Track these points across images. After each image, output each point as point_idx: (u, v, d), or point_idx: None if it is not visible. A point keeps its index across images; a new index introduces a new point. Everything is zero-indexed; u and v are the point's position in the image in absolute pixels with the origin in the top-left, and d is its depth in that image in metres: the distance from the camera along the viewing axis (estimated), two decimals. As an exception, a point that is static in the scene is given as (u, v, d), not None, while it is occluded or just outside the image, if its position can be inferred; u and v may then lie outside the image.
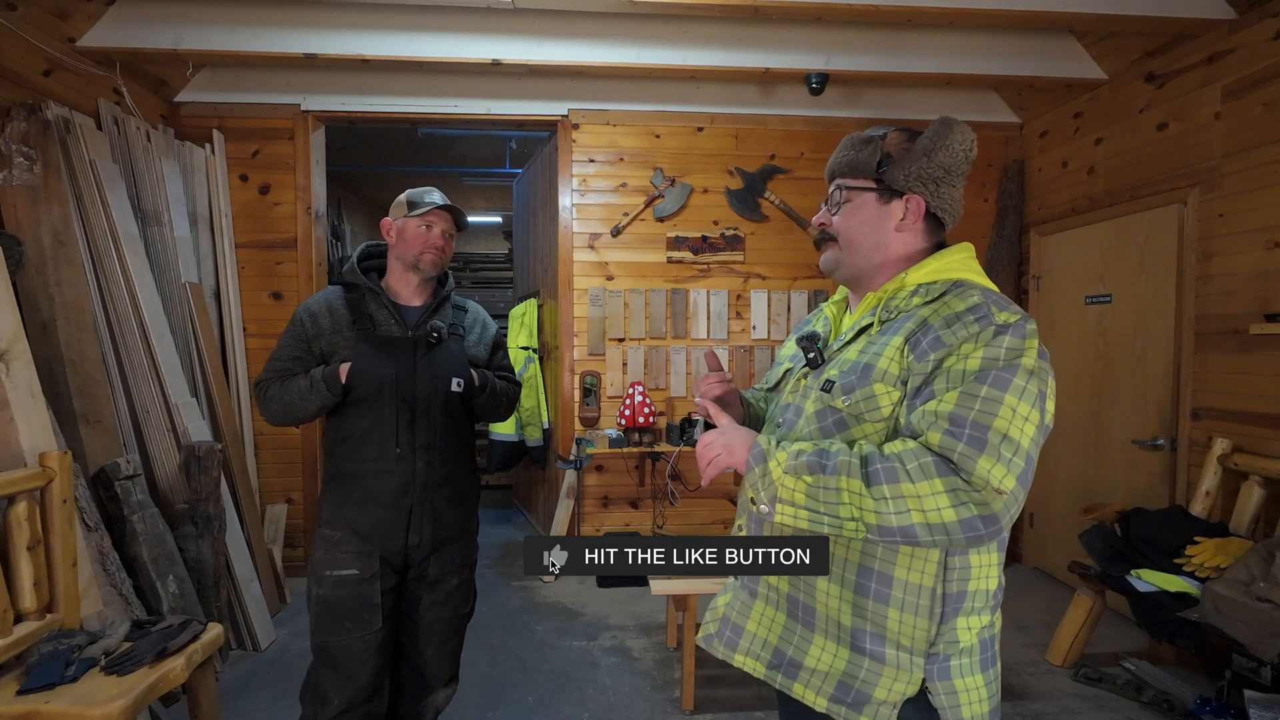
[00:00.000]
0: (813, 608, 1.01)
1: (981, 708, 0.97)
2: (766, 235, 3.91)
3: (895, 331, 0.97)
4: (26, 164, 2.46)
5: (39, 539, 1.87)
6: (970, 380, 0.88)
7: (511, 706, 2.47)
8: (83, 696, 1.64)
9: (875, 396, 0.96)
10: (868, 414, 0.96)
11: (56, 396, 2.35)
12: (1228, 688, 2.29)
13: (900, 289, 1.02)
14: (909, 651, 0.95)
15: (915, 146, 1.02)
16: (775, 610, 1.06)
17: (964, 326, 0.91)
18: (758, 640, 1.08)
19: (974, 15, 2.81)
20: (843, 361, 1.02)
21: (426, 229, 1.73)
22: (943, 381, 0.90)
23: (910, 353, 0.93)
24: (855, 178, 1.06)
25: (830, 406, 1.00)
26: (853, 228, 1.07)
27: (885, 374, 0.95)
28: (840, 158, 1.09)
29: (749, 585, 1.11)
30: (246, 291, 3.59)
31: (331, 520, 1.69)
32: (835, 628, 0.99)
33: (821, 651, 1.00)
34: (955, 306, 0.94)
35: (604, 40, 3.21)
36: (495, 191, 6.94)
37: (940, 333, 0.92)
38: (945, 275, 1.00)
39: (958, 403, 0.87)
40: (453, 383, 1.74)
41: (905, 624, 0.95)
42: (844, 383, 0.99)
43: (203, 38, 3.01)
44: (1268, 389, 2.58)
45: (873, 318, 1.03)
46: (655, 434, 3.76)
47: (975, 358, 0.88)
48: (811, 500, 0.91)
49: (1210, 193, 2.83)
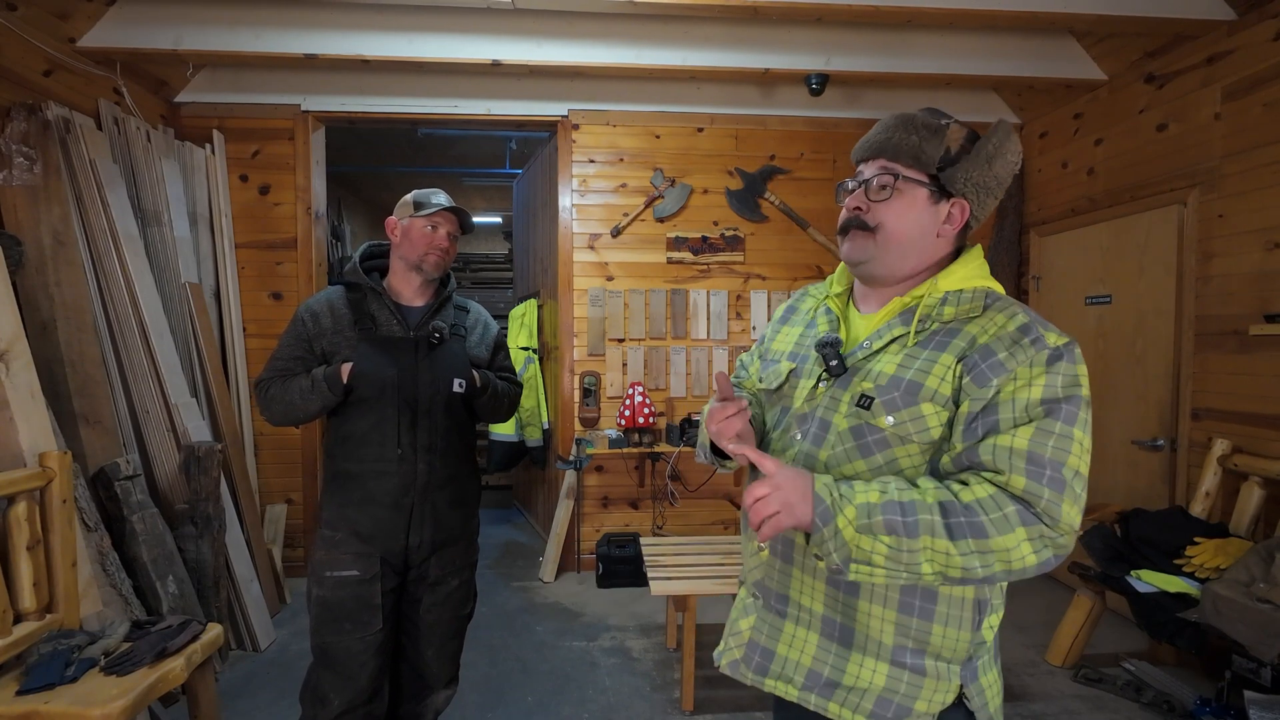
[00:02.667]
0: (851, 628, 0.97)
1: (999, 699, 0.99)
2: (766, 236, 3.91)
3: (942, 348, 0.93)
4: (26, 164, 2.46)
5: (39, 539, 1.87)
6: (1038, 412, 0.86)
7: (511, 707, 2.47)
8: (82, 697, 1.64)
9: (924, 417, 0.91)
10: (916, 435, 0.92)
11: (56, 396, 2.35)
12: (1227, 688, 2.29)
13: (930, 295, 0.97)
14: (949, 662, 0.95)
15: (978, 150, 0.96)
16: (808, 631, 1.01)
17: (1021, 350, 0.88)
18: (790, 663, 1.03)
19: (974, 16, 2.81)
20: (878, 375, 0.95)
21: (432, 230, 1.73)
22: (1009, 411, 0.87)
23: (967, 374, 0.90)
24: (913, 168, 0.97)
25: (870, 424, 0.94)
26: (899, 223, 0.97)
27: (935, 394, 0.91)
28: (896, 140, 0.97)
29: (776, 607, 1.05)
30: (246, 291, 3.59)
31: (332, 521, 1.69)
32: (876, 646, 0.96)
33: (860, 669, 0.97)
34: (1007, 326, 0.91)
35: (604, 40, 3.22)
36: (495, 192, 6.94)
37: (1001, 357, 0.89)
38: (973, 283, 0.97)
39: (1033, 439, 0.85)
40: (454, 383, 1.73)
41: (949, 638, 0.94)
42: (886, 400, 0.93)
43: (203, 38, 3.01)
44: (1268, 389, 2.58)
45: (905, 327, 0.97)
46: (655, 434, 3.76)
47: (1038, 385, 0.86)
48: (892, 562, 0.84)
49: (1210, 193, 2.83)
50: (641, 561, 2.77)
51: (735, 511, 3.98)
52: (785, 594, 1.04)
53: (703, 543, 2.95)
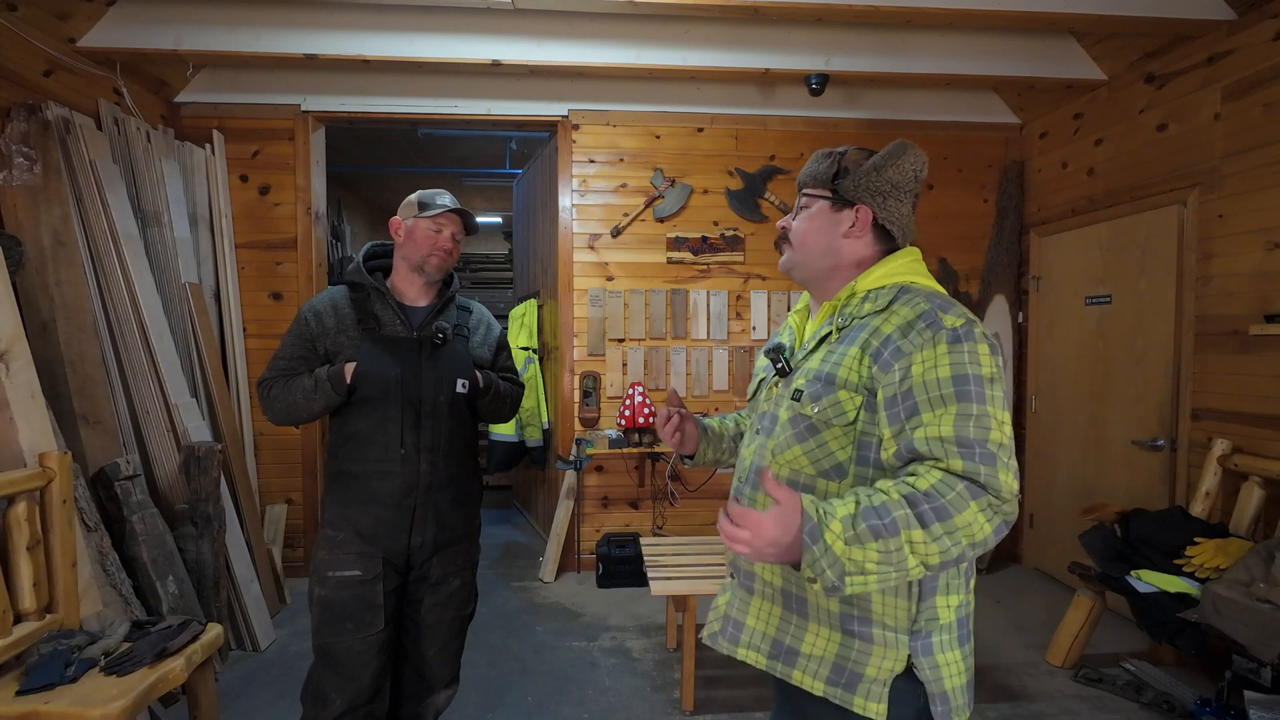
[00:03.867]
0: (804, 598, 1.08)
1: (960, 680, 1.04)
2: (766, 236, 3.91)
3: (851, 341, 1.05)
4: (26, 164, 2.46)
5: (39, 539, 1.87)
6: (950, 392, 0.94)
7: (511, 707, 2.47)
8: (82, 697, 1.64)
9: (840, 403, 1.03)
10: (835, 419, 1.04)
11: (56, 397, 2.34)
12: (1228, 689, 2.29)
13: (852, 296, 1.11)
14: (894, 630, 1.02)
15: (868, 163, 1.12)
16: (771, 604, 1.13)
17: (918, 334, 0.98)
18: (757, 633, 1.14)
19: (974, 16, 2.81)
20: (808, 370, 1.10)
21: (437, 231, 1.73)
22: (923, 393, 0.96)
23: (873, 364, 1.01)
24: (814, 187, 1.17)
25: (801, 414, 1.08)
26: (805, 231, 1.17)
27: (846, 382, 1.03)
28: (805, 169, 1.20)
29: (745, 583, 1.17)
30: (246, 292, 3.59)
31: (334, 521, 1.69)
32: (826, 615, 1.06)
33: (816, 637, 1.07)
34: (906, 315, 1.01)
35: (604, 40, 3.22)
36: (495, 192, 6.95)
37: (899, 343, 0.99)
38: (891, 280, 1.09)
39: (955, 425, 0.93)
40: (458, 384, 1.74)
41: (888, 605, 1.02)
42: (811, 391, 1.07)
43: (203, 38, 3.01)
44: (1268, 390, 2.58)
45: (830, 326, 1.11)
46: (655, 434, 3.76)
47: (944, 365, 0.96)
48: (884, 565, 0.88)
49: (1210, 193, 2.83)
50: (641, 561, 2.77)
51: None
52: (751, 570, 1.16)
53: (703, 543, 2.95)
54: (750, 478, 1.18)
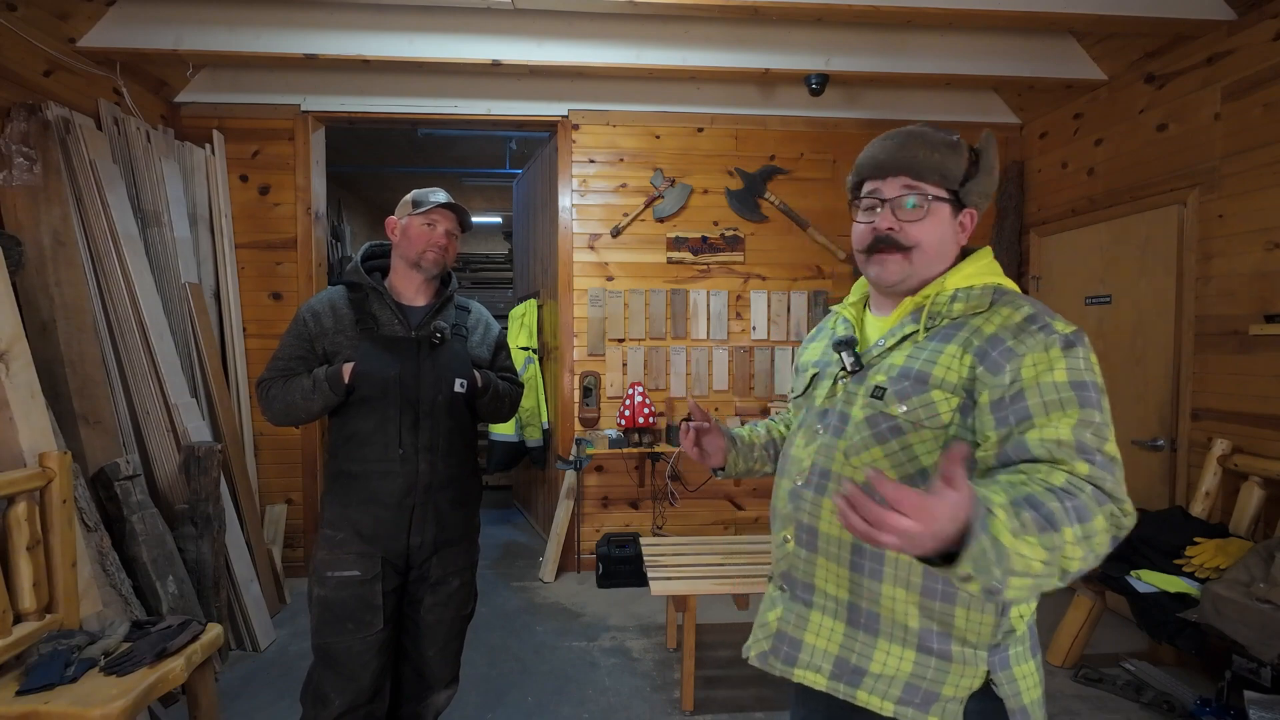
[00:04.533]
0: (876, 614, 0.99)
1: (1036, 692, 0.99)
2: (766, 236, 3.91)
3: (947, 339, 0.98)
4: (26, 164, 2.46)
5: (38, 539, 1.87)
6: (1069, 395, 0.88)
7: (511, 707, 2.47)
8: (82, 697, 1.64)
9: (934, 403, 0.95)
10: (927, 420, 0.95)
11: (56, 397, 2.35)
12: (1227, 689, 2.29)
13: (940, 294, 1.02)
14: (974, 646, 0.96)
15: (984, 164, 1.03)
16: (834, 620, 1.03)
17: (1030, 336, 0.92)
18: (818, 652, 1.04)
19: (974, 16, 2.81)
20: (890, 367, 1.01)
21: (430, 227, 1.73)
22: (1036, 396, 0.89)
23: (979, 363, 0.93)
24: (939, 185, 1.02)
25: (883, 413, 0.99)
26: (931, 239, 1.02)
27: (943, 381, 0.95)
28: (921, 157, 1.01)
29: (802, 597, 1.07)
30: (246, 292, 3.59)
31: (334, 521, 1.69)
32: (902, 631, 0.98)
33: (887, 655, 0.99)
34: (1012, 316, 0.95)
35: (604, 40, 3.22)
36: (495, 192, 6.95)
37: (1010, 344, 0.92)
38: (981, 279, 1.02)
39: (1076, 430, 0.86)
40: (456, 383, 1.74)
41: (973, 620, 0.95)
42: (898, 389, 0.98)
43: (203, 38, 3.01)
44: (1268, 390, 2.58)
45: (915, 325, 1.02)
46: (655, 434, 3.76)
47: (1059, 369, 0.89)
48: (1049, 566, 0.77)
49: (1210, 194, 2.83)
50: (641, 561, 2.77)
51: (735, 511, 3.98)
52: (810, 583, 1.06)
53: (702, 543, 2.95)
54: (815, 480, 1.06)
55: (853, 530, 0.74)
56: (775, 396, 3.93)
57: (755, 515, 3.99)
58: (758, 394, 3.93)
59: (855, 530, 0.73)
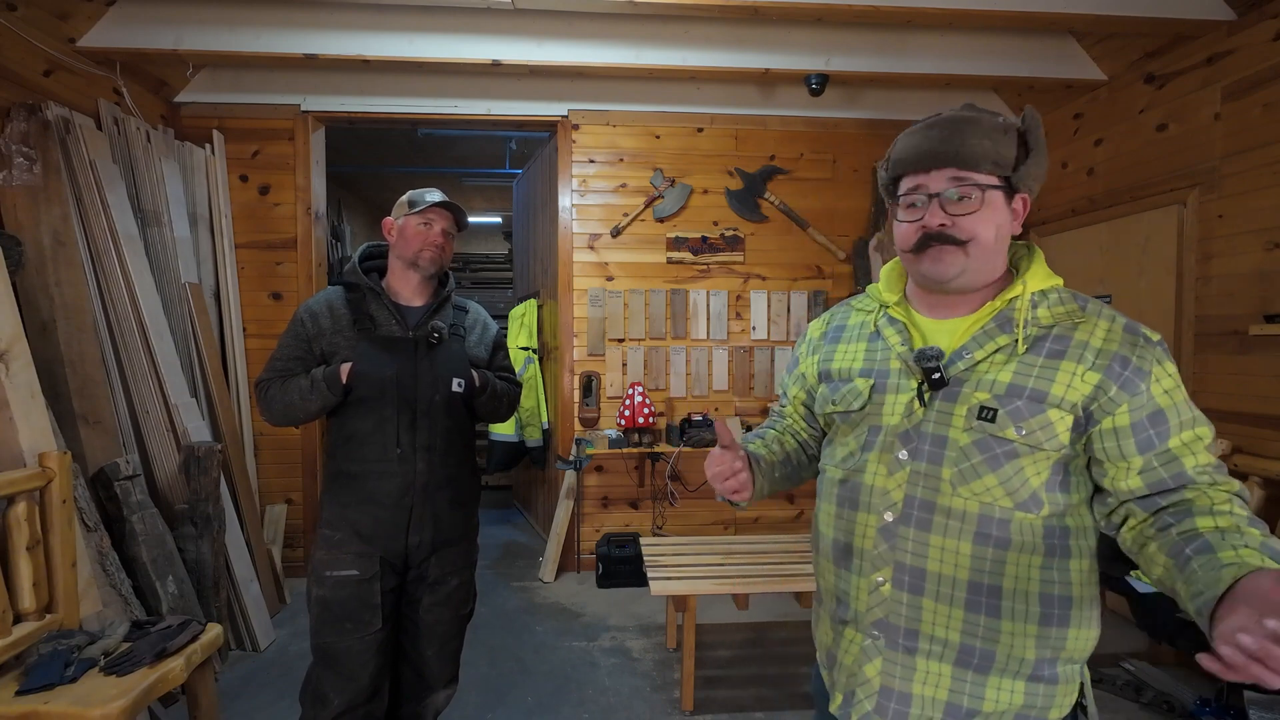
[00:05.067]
0: (993, 651, 0.93)
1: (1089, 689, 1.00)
2: (766, 236, 3.91)
3: (1057, 354, 0.92)
4: (26, 164, 2.46)
5: (38, 539, 1.87)
6: (1202, 419, 0.91)
7: (511, 707, 2.47)
8: (82, 697, 1.64)
9: (1052, 424, 0.90)
10: (1046, 443, 0.90)
11: (56, 397, 2.35)
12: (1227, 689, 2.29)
13: (1019, 298, 0.95)
14: (1076, 662, 0.95)
15: (1035, 145, 0.95)
16: (940, 663, 0.95)
17: (1146, 349, 0.91)
18: (928, 702, 0.96)
19: (974, 16, 2.81)
20: (994, 384, 0.93)
21: (426, 226, 1.73)
22: (1175, 416, 0.89)
23: (1113, 383, 0.89)
24: (992, 173, 0.93)
25: (997, 437, 0.91)
26: (988, 232, 0.94)
27: (1063, 400, 0.90)
28: (971, 146, 0.92)
29: (905, 644, 0.97)
30: (246, 292, 3.59)
31: (333, 521, 1.69)
32: (1017, 664, 0.93)
33: (998, 692, 0.94)
34: (1112, 328, 0.92)
35: (604, 40, 3.22)
36: (495, 192, 6.94)
37: (1136, 362, 0.90)
38: (1051, 282, 0.97)
39: (1209, 447, 0.89)
40: (454, 383, 1.74)
41: (1080, 639, 0.94)
42: (1010, 410, 0.91)
43: (203, 38, 3.01)
44: (1267, 390, 2.58)
45: (1005, 334, 0.94)
46: (655, 434, 3.76)
47: (1179, 386, 0.91)
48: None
49: (1210, 194, 2.83)
50: (641, 561, 2.77)
51: (734, 511, 3.98)
52: (915, 629, 0.96)
53: (702, 543, 2.95)
54: (915, 515, 0.95)
55: (1263, 682, 0.63)
56: (775, 396, 3.93)
57: (755, 515, 3.99)
58: (757, 394, 3.93)
59: (1265, 681, 0.63)
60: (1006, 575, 0.92)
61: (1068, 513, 0.93)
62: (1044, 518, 0.91)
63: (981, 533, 0.92)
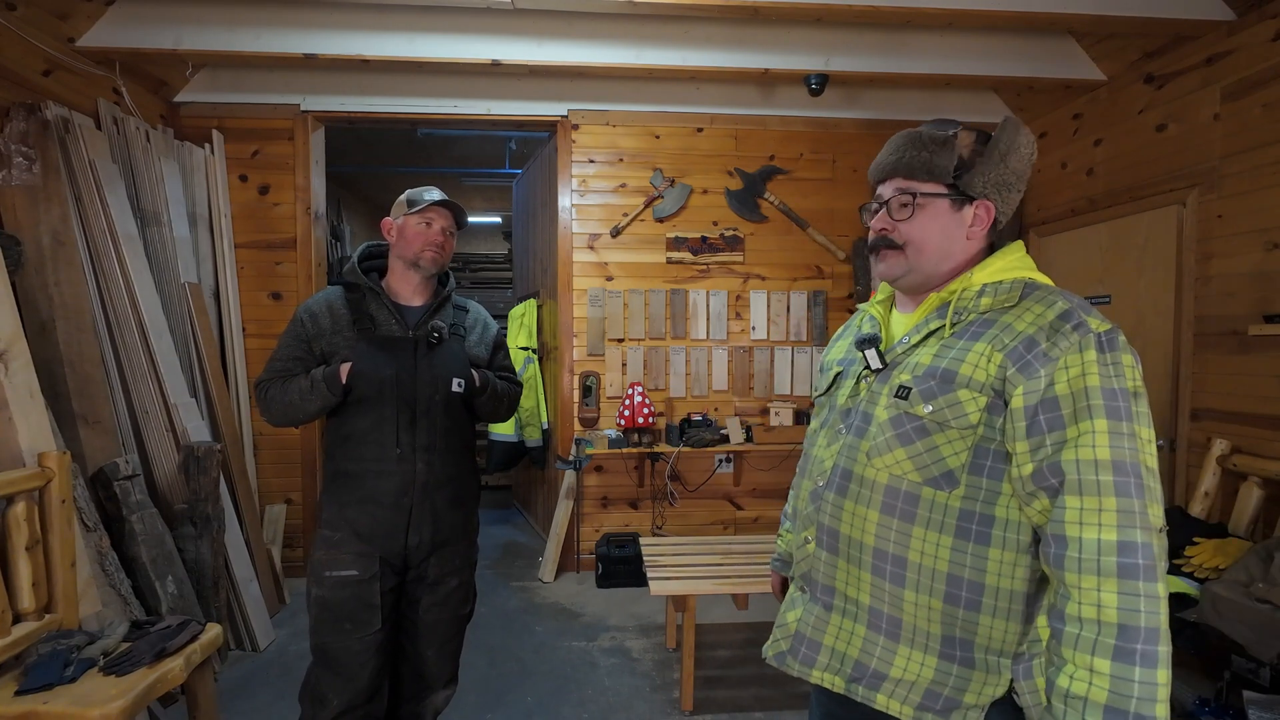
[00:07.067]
0: (899, 619, 0.99)
1: None
2: (766, 236, 3.91)
3: (976, 336, 0.96)
4: (26, 164, 2.46)
5: (38, 539, 1.87)
6: (1100, 410, 0.86)
7: (511, 707, 2.47)
8: (81, 697, 1.64)
9: (961, 403, 0.93)
10: (954, 421, 0.94)
11: (55, 396, 2.35)
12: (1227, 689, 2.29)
13: (966, 289, 1.00)
14: (998, 654, 0.94)
15: (990, 151, 1.00)
16: (854, 623, 1.03)
17: (1064, 337, 0.89)
18: (836, 654, 1.05)
19: (973, 16, 2.81)
20: (915, 366, 0.99)
21: (426, 226, 1.73)
22: (1069, 406, 0.87)
23: (1011, 364, 0.90)
24: (928, 181, 1.01)
25: (908, 414, 0.97)
26: (925, 236, 1.02)
27: (970, 380, 0.93)
28: (908, 158, 1.02)
29: (822, 599, 1.07)
30: (246, 292, 3.59)
31: (332, 521, 1.69)
32: (924, 637, 0.97)
33: (908, 662, 0.98)
34: (1044, 313, 0.92)
35: (604, 40, 3.22)
36: (495, 192, 6.95)
37: (1044, 346, 0.89)
38: (1011, 274, 1.00)
39: (1111, 446, 0.85)
40: (453, 383, 1.73)
41: (997, 629, 0.94)
42: (923, 389, 0.96)
43: (203, 38, 3.01)
44: (1267, 390, 2.58)
45: (941, 320, 1.00)
46: (655, 434, 3.76)
47: (1093, 374, 0.87)
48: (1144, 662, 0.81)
49: (1209, 194, 2.83)
50: (641, 561, 2.77)
51: (734, 511, 3.98)
52: (831, 585, 1.06)
53: (702, 543, 2.95)
54: (836, 481, 1.05)
55: None
56: (775, 396, 3.93)
57: (755, 515, 4.00)
58: (757, 394, 3.93)
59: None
60: (912, 548, 0.97)
61: (995, 502, 0.93)
62: (960, 498, 0.94)
63: (888, 503, 0.99)
